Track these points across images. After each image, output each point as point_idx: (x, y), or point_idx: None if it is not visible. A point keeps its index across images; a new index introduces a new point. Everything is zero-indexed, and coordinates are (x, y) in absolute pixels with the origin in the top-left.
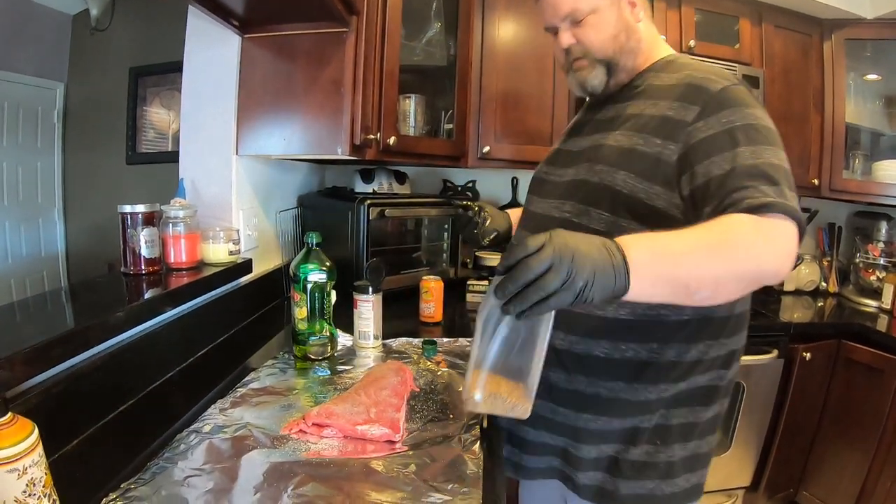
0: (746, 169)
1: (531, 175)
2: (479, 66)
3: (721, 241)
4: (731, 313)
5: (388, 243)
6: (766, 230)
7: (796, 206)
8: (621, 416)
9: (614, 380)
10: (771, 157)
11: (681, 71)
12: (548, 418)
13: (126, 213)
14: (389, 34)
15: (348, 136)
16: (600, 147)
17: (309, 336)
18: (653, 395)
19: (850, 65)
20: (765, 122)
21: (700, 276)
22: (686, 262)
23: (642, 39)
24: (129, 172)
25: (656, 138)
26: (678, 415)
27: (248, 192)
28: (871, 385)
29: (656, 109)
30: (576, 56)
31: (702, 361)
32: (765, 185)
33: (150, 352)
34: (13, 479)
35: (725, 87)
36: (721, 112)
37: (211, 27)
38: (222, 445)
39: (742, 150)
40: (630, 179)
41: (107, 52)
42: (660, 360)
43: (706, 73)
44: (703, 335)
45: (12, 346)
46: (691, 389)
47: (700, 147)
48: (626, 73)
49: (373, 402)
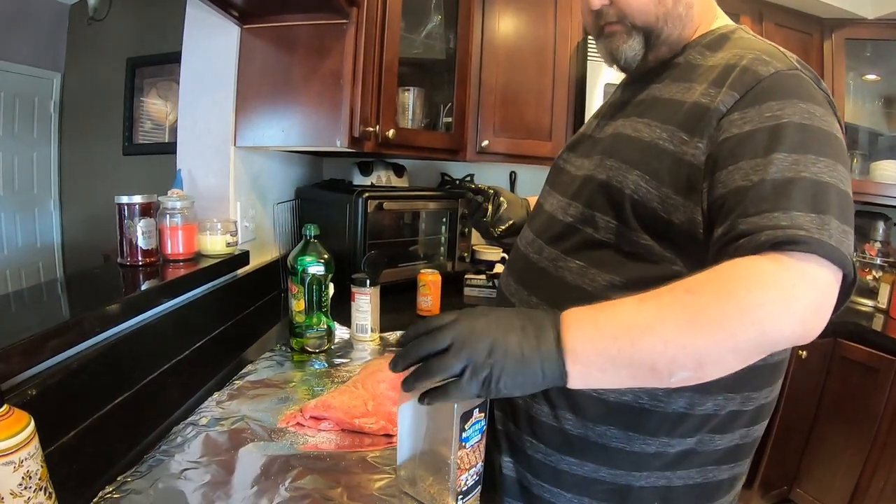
0: (779, 184)
1: (530, 169)
2: (478, 59)
3: (702, 303)
4: (764, 362)
5: (386, 236)
6: (783, 282)
7: (842, 245)
8: (610, 467)
9: (606, 424)
10: (820, 172)
11: (732, 48)
12: (527, 453)
13: (123, 203)
14: (389, 26)
15: (347, 129)
16: (617, 137)
17: (306, 329)
18: (651, 449)
19: (849, 64)
20: (825, 124)
21: (672, 357)
22: (647, 339)
23: (693, 5)
24: (126, 163)
25: (683, 132)
26: (685, 476)
27: (245, 184)
28: (866, 384)
29: (690, 95)
30: (611, 19)
31: (717, 416)
32: (801, 210)
33: (146, 343)
34: (9, 472)
35: (779, 71)
36: (766, 104)
37: (210, 17)
38: (219, 438)
39: (780, 156)
40: (643, 183)
41: (104, 42)
42: (665, 410)
43: (759, 53)
44: (721, 385)
45: (8, 338)
46: (704, 449)
47: (727, 146)
48: (669, 46)
49: (370, 395)
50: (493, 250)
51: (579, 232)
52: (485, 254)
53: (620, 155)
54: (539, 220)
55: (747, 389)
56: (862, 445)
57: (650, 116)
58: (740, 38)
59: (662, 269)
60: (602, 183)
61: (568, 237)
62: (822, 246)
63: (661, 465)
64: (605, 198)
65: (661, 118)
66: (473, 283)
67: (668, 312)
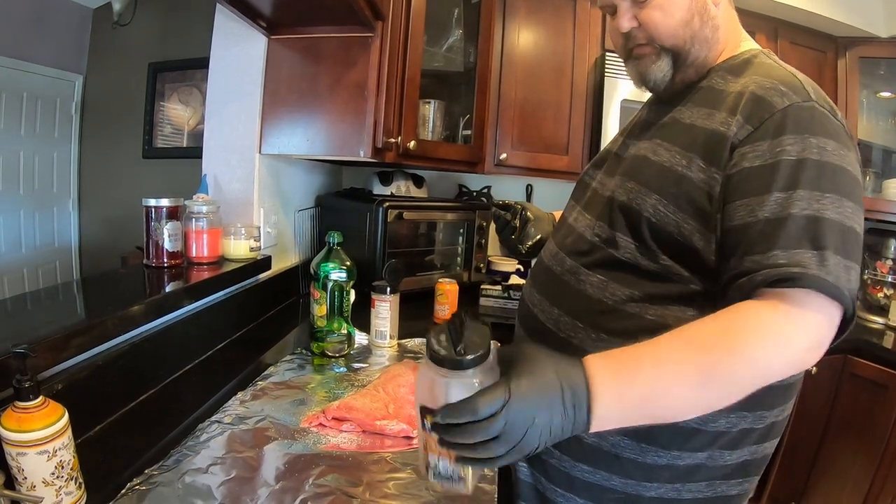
0: (781, 222)
1: (547, 183)
2: (498, 73)
3: (715, 360)
4: (780, 383)
5: (404, 245)
6: (782, 331)
7: (840, 280)
8: (622, 476)
9: (620, 435)
10: (824, 208)
11: (751, 74)
12: (542, 458)
13: (151, 206)
14: (413, 40)
15: (370, 139)
16: (639, 159)
17: (327, 333)
18: (662, 461)
19: (863, 82)
20: (836, 158)
21: (687, 410)
22: (665, 403)
23: (719, 27)
24: (145, 166)
25: (701, 160)
26: (694, 489)
27: (269, 191)
28: (875, 401)
29: (710, 122)
30: (640, 41)
31: (729, 433)
32: (804, 248)
33: (171, 343)
34: (43, 461)
35: (795, 104)
36: (777, 138)
37: (238, 26)
38: (244, 436)
39: (784, 195)
40: (661, 207)
41: (126, 46)
42: (678, 424)
43: (776, 83)
44: (737, 404)
45: (42, 333)
46: (714, 464)
47: (737, 179)
48: (696, 68)
49: (391, 398)
50: (508, 261)
51: (602, 250)
52: (500, 265)
53: (640, 178)
54: (564, 235)
55: (760, 408)
56: (870, 462)
57: (670, 140)
58: (761, 64)
59: (681, 287)
60: (622, 204)
61: (591, 253)
62: (819, 283)
63: (670, 476)
64: (624, 219)
65: (682, 143)
66: (489, 293)
67: (684, 375)
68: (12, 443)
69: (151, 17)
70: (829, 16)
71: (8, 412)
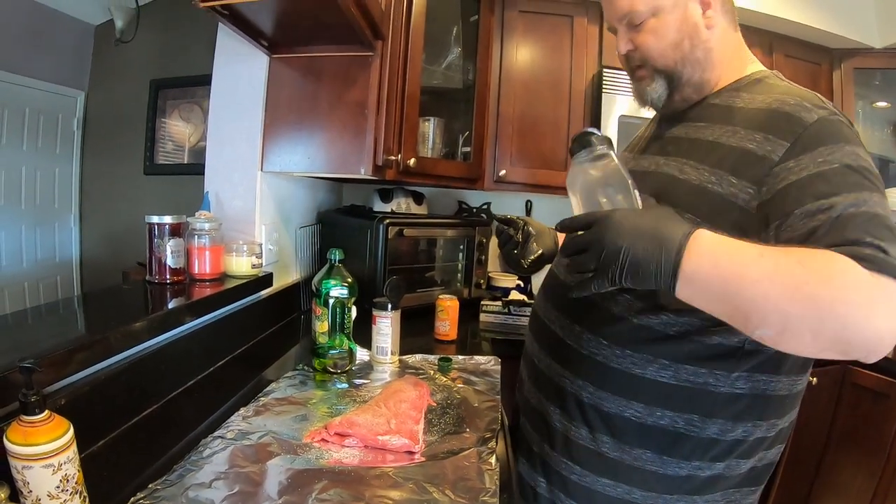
0: (848, 218)
1: (546, 199)
2: (496, 90)
3: (807, 277)
4: (789, 392)
5: (405, 262)
6: (867, 286)
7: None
8: (644, 489)
9: (642, 447)
10: (876, 207)
11: (769, 93)
12: (562, 475)
13: (154, 223)
14: (412, 58)
15: (371, 157)
16: (662, 177)
17: (329, 349)
18: (683, 472)
19: (859, 93)
20: (866, 162)
21: (766, 312)
22: (752, 290)
23: (713, 49)
24: (146, 183)
25: (733, 177)
26: (711, 499)
27: (270, 208)
28: (876, 410)
29: (736, 139)
30: (636, 63)
31: (745, 442)
32: (873, 237)
33: (173, 359)
34: (48, 475)
35: (822, 117)
36: (816, 149)
37: (240, 45)
38: (246, 451)
39: (843, 196)
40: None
41: (128, 63)
42: (699, 435)
43: (799, 99)
44: (752, 413)
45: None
46: (731, 474)
47: (791, 192)
48: (694, 88)
49: (393, 413)
50: (508, 277)
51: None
52: (500, 280)
53: (670, 197)
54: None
55: (773, 417)
56: (872, 472)
57: (696, 159)
58: (776, 85)
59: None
60: None
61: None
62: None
63: (690, 488)
64: None
65: (710, 162)
66: (489, 309)
67: (778, 275)
68: (18, 456)
69: (153, 35)
70: (823, 28)
71: (14, 426)
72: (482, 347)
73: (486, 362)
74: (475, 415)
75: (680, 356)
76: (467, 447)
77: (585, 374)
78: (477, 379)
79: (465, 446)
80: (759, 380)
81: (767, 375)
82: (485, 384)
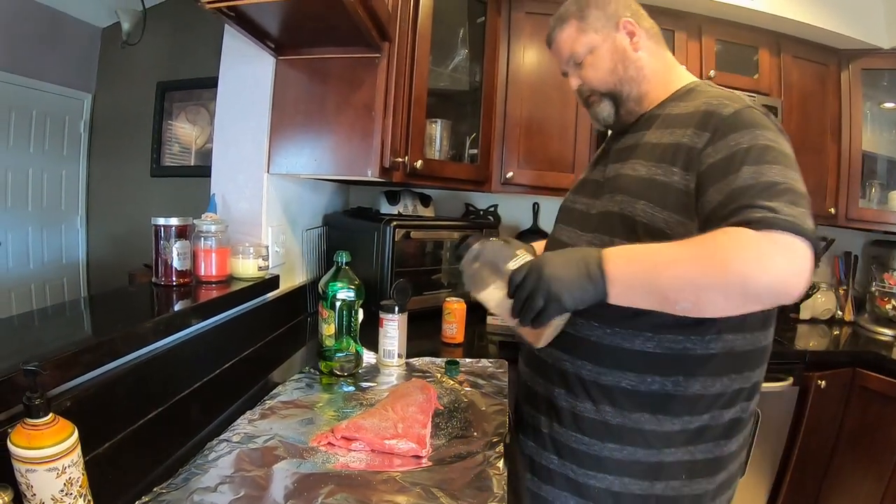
0: (745, 189)
1: (553, 201)
2: (503, 92)
3: (704, 252)
4: (755, 346)
5: (411, 264)
6: (756, 242)
7: (803, 222)
8: (645, 447)
9: (640, 411)
10: (775, 176)
11: (699, 98)
12: (572, 447)
13: (160, 225)
14: (419, 60)
15: (378, 159)
16: (620, 177)
17: (335, 352)
18: (677, 427)
19: (867, 94)
20: (776, 143)
21: (679, 288)
22: (664, 273)
23: (644, 67)
24: (153, 185)
25: (673, 167)
26: (704, 450)
27: (277, 210)
28: (885, 413)
29: (672, 137)
30: (586, 94)
31: (725, 394)
32: (764, 201)
33: (179, 361)
34: (52, 478)
35: (737, 109)
36: (729, 136)
37: (246, 47)
38: (252, 455)
39: (744, 170)
40: (649, 209)
41: (135, 65)
42: (685, 393)
43: (721, 98)
44: (727, 368)
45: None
46: (716, 423)
47: (707, 174)
48: (635, 101)
49: (400, 417)
50: None
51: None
52: None
53: (626, 191)
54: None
55: (746, 370)
56: (881, 475)
57: (644, 158)
58: (706, 91)
59: None
60: (617, 214)
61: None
62: (785, 223)
63: (684, 440)
64: (621, 226)
65: (653, 158)
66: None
67: (682, 256)
68: (22, 460)
69: (160, 37)
70: (831, 29)
71: (18, 429)
72: (489, 350)
73: (493, 365)
74: (483, 419)
75: (659, 327)
76: (475, 451)
77: (583, 355)
78: (484, 382)
79: (472, 451)
80: (727, 339)
81: (733, 335)
82: (492, 387)
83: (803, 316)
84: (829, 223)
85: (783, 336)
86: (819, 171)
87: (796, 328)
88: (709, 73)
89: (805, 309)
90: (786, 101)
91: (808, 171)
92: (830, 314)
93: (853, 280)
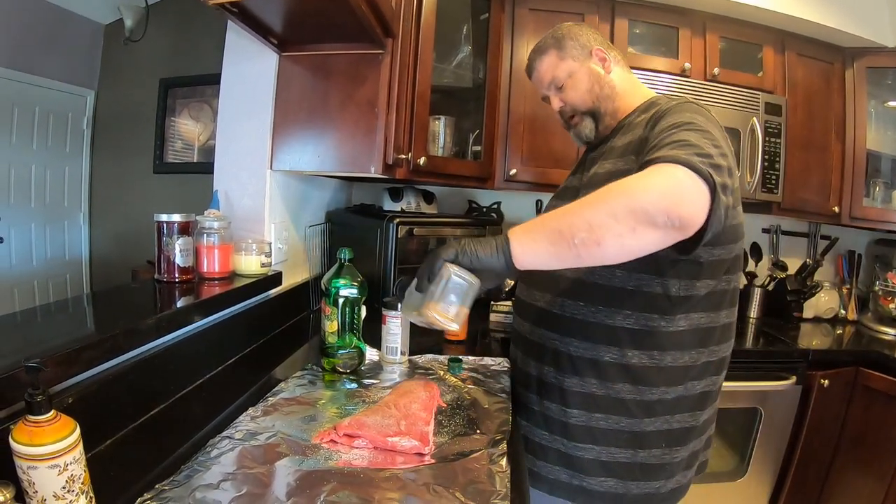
0: (656, 147)
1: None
2: (507, 89)
3: (596, 195)
4: (718, 323)
5: (414, 261)
6: (641, 172)
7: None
8: (628, 416)
9: (622, 382)
10: (685, 137)
11: (655, 107)
12: (562, 421)
13: (163, 221)
14: (422, 57)
15: (381, 156)
16: (592, 176)
17: (338, 349)
18: (655, 397)
19: (871, 92)
20: (699, 122)
21: (571, 223)
22: (558, 217)
23: (615, 86)
24: (156, 181)
25: (632, 156)
26: (680, 420)
27: (279, 206)
28: (888, 413)
29: (632, 136)
30: (568, 114)
31: (695, 366)
32: (662, 151)
33: (181, 358)
34: (54, 475)
35: (676, 103)
36: (663, 119)
37: (249, 44)
38: (255, 452)
39: (666, 133)
40: None
41: (138, 62)
42: (660, 365)
43: (667, 101)
44: (694, 343)
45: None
46: (690, 394)
47: (643, 149)
48: (610, 116)
49: (403, 414)
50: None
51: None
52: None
53: (595, 185)
54: None
55: (712, 344)
56: (883, 474)
57: (612, 157)
58: (659, 100)
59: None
60: None
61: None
62: (670, 158)
63: (663, 409)
64: None
65: (620, 155)
66: (499, 309)
67: (577, 203)
68: (23, 456)
69: (163, 34)
70: (836, 27)
71: (20, 426)
72: (492, 347)
73: (496, 363)
74: (486, 416)
75: (637, 306)
76: (478, 449)
77: (571, 332)
78: (487, 380)
79: (475, 448)
80: (694, 317)
81: (699, 314)
82: (495, 385)
83: (807, 315)
84: (833, 222)
85: (786, 335)
86: (823, 170)
87: (799, 327)
88: (713, 70)
89: (808, 308)
90: (790, 99)
91: (812, 168)
92: (834, 313)
93: (857, 279)
